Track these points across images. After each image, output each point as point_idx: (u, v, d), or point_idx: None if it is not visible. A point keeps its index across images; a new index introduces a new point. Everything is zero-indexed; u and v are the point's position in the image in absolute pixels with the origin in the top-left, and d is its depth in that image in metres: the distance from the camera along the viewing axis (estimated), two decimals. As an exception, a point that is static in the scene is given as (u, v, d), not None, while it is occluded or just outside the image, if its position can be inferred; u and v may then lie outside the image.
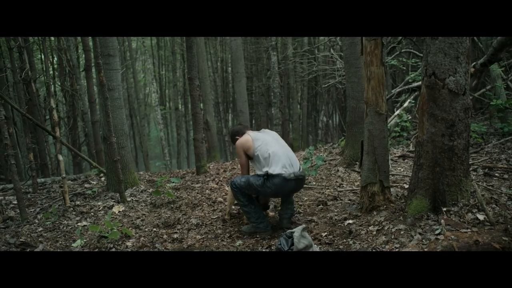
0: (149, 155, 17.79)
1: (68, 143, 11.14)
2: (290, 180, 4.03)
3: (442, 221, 3.32)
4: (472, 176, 4.97)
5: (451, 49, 3.28)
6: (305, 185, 5.60)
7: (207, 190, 5.99)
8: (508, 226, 3.11)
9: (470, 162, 5.35)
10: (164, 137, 17.72)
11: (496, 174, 4.92)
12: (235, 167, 7.40)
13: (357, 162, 6.08)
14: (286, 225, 4.30)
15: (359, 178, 4.69)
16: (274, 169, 4.01)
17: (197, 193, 5.89)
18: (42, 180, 7.55)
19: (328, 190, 5.26)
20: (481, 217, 3.34)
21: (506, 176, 4.84)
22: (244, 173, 4.38)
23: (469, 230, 3.17)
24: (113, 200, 5.64)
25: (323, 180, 5.81)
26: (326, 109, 18.12)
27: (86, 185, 6.74)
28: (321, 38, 17.36)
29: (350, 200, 4.72)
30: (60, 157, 5.77)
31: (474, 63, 6.43)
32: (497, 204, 3.65)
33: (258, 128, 5.95)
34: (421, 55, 9.03)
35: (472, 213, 3.42)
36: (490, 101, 7.28)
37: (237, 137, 4.49)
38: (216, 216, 4.93)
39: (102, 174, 7.23)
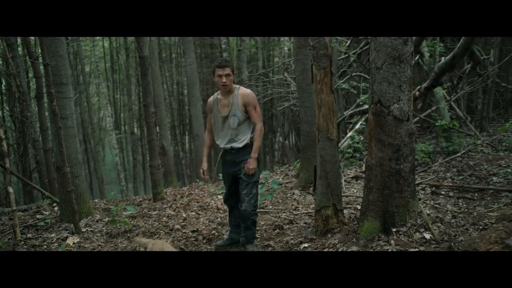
0: (104, 180, 17.38)
1: (18, 171, 10.76)
2: None
3: (392, 241, 3.47)
4: (420, 195, 5.21)
5: (394, 78, 3.48)
6: (261, 209, 5.67)
7: (164, 218, 5.95)
8: (452, 244, 3.30)
9: (418, 182, 5.62)
10: (119, 161, 17.43)
11: (442, 193, 5.18)
12: (192, 192, 7.39)
13: (312, 185, 6.23)
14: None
15: (314, 200, 4.82)
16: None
17: (154, 221, 5.84)
18: (-10, 212, 7.25)
19: (284, 214, 5.36)
20: (427, 236, 3.51)
21: (451, 194, 5.11)
22: (261, 121, 4.06)
23: (416, 249, 3.33)
24: (67, 231, 5.50)
25: (279, 203, 5.91)
26: (282, 131, 18.40)
27: (38, 216, 6.52)
28: (276, 60, 17.74)
29: (305, 223, 4.83)
30: (11, 189, 5.58)
31: (419, 86, 6.78)
32: (442, 222, 3.85)
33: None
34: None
35: (419, 232, 3.59)
36: (435, 121, 7.66)
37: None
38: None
39: (55, 204, 7.04)
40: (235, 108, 3.97)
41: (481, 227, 3.71)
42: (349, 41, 11.12)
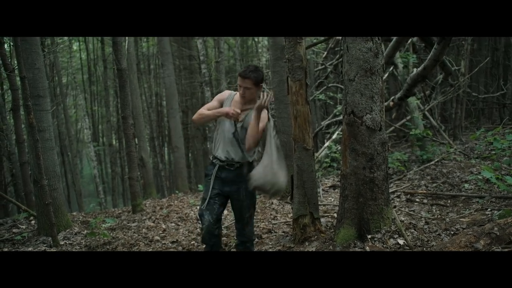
0: (82, 193, 17.16)
1: (-7, 185, 10.58)
2: None
3: (367, 248, 3.56)
4: (396, 202, 5.35)
5: (366, 90, 3.60)
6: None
7: (143, 229, 5.94)
8: (424, 249, 3.41)
9: (394, 189, 5.76)
10: (98, 174, 17.24)
11: (417, 200, 5.33)
12: (172, 203, 7.40)
13: (290, 194, 6.32)
14: None
15: (292, 209, 4.90)
16: None
17: (134, 233, 5.83)
18: (-36, 227, 7.11)
19: (263, 223, 5.42)
20: (401, 242, 3.62)
21: (425, 201, 5.26)
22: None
23: (391, 255, 3.43)
24: (45, 245, 5.44)
25: (258, 213, 5.97)
26: (261, 141, 18.47)
27: (14, 230, 6.44)
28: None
29: (284, 232, 4.90)
30: (-14, 203, 5.53)
31: (393, 97, 6.96)
32: (415, 228, 3.97)
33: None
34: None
35: (393, 238, 3.70)
36: (410, 130, 7.86)
37: None
38: (153, 255, 4.91)
39: (32, 217, 6.95)
40: (249, 120, 3.39)
41: (452, 232, 3.85)
42: (326, 53, 11.35)
